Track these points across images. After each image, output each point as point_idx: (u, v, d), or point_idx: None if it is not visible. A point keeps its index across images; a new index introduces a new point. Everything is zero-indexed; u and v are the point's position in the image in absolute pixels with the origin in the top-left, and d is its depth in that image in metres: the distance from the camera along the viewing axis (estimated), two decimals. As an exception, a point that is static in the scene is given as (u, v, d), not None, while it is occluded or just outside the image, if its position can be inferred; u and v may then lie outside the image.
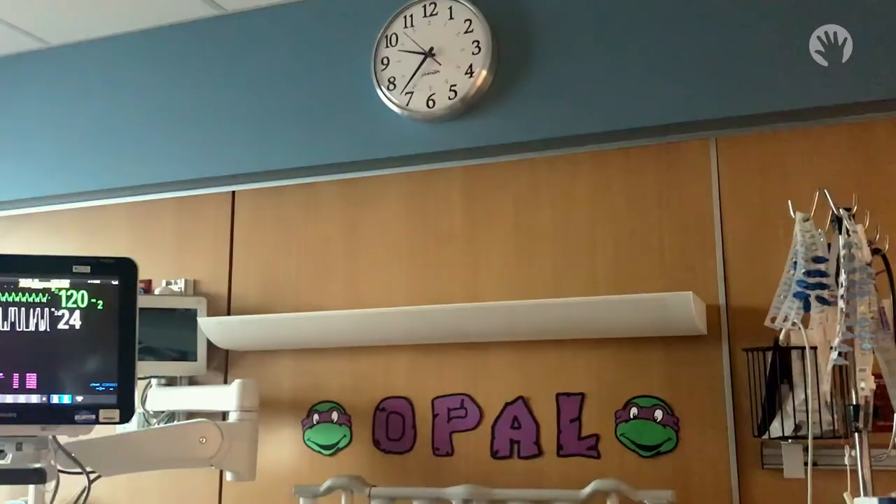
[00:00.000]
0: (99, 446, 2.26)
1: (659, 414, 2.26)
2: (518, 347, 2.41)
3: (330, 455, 2.58)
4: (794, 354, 1.96)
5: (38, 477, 2.06)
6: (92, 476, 2.22)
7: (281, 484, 2.56)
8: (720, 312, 2.23)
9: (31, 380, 2.02)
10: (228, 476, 2.45)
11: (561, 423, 2.36)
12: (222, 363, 2.74)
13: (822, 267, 1.72)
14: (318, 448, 2.60)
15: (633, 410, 2.29)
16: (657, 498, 2.08)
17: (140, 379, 2.65)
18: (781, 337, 1.97)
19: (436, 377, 2.50)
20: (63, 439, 2.16)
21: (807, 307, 1.75)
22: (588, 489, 2.14)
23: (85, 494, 2.21)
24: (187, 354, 2.66)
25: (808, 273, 1.73)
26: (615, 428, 2.30)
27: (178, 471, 2.67)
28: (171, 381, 2.71)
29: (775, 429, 2.01)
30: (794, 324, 1.73)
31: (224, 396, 2.48)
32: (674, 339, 2.25)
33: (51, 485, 2.17)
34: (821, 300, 1.72)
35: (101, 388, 2.06)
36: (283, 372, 2.68)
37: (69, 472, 2.18)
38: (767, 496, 2.13)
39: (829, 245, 1.80)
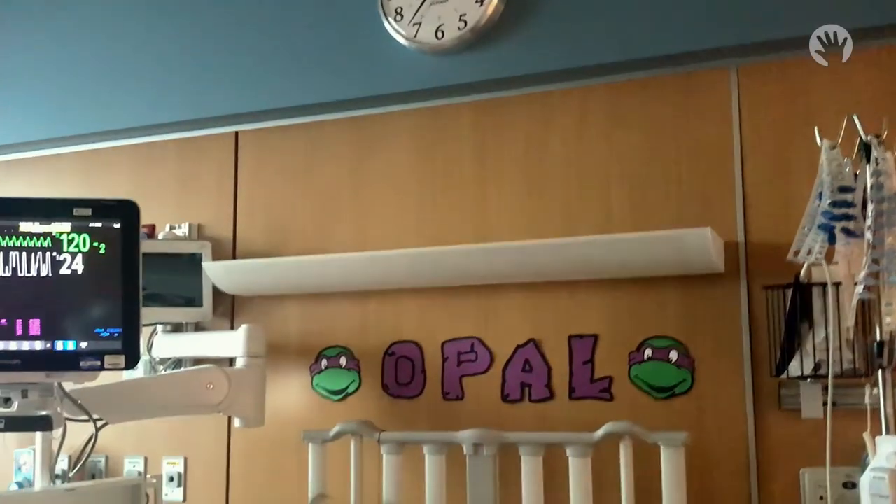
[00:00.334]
0: (105, 393, 2.24)
1: (674, 355, 2.22)
2: (529, 289, 2.36)
3: (339, 400, 2.55)
4: (816, 292, 1.91)
5: (44, 424, 2.03)
6: (99, 423, 2.21)
7: (289, 429, 2.54)
8: (738, 249, 2.17)
9: (35, 326, 1.99)
10: (237, 422, 2.44)
11: (573, 366, 2.32)
12: (228, 309, 2.70)
13: (848, 197, 1.66)
14: (326, 394, 2.57)
15: (648, 352, 2.25)
16: (671, 440, 2.05)
17: (145, 326, 2.59)
18: (802, 273, 1.92)
19: (445, 320, 2.46)
20: (69, 386, 2.13)
21: (832, 240, 1.69)
22: (600, 432, 2.10)
23: (92, 442, 2.20)
24: (193, 300, 2.62)
25: (834, 204, 1.67)
26: (628, 370, 2.26)
27: (185, 417, 2.65)
28: (176, 328, 2.67)
29: (794, 368, 1.96)
30: (818, 256, 1.67)
31: (231, 342, 2.44)
32: (690, 278, 2.19)
33: (58, 432, 2.15)
34: (847, 232, 1.66)
35: (105, 334, 2.02)
36: (291, 317, 2.64)
37: (76, 420, 2.17)
38: (784, 437, 2.10)
39: (855, 176, 1.74)
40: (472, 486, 2.20)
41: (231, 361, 2.45)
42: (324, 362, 2.58)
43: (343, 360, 2.56)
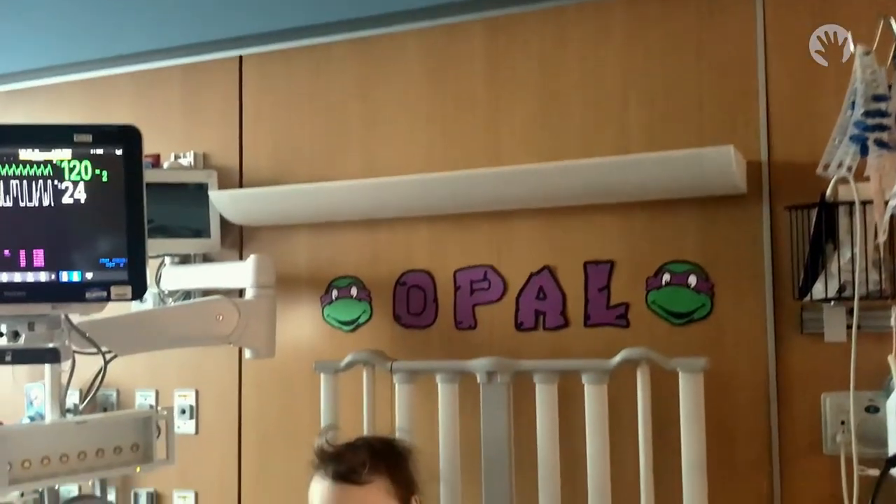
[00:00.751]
0: (114, 325, 2.21)
1: (693, 279, 2.16)
2: (544, 215, 2.30)
3: (350, 331, 2.51)
4: (842, 210, 1.84)
5: (52, 356, 2.01)
6: (108, 356, 2.18)
7: (301, 360, 2.50)
8: (761, 169, 2.09)
9: (39, 257, 1.94)
10: (247, 353, 2.41)
11: (588, 293, 2.27)
12: (237, 240, 2.66)
13: (882, 106, 1.58)
14: (337, 324, 2.53)
15: (666, 277, 2.19)
16: (690, 365, 2.00)
17: (153, 258, 2.57)
18: (828, 192, 1.85)
19: (457, 249, 2.40)
20: (76, 318, 2.10)
21: (864, 151, 1.62)
22: (617, 358, 2.06)
23: (101, 374, 2.17)
24: (200, 232, 2.57)
25: (868, 113, 1.59)
26: (646, 296, 2.21)
27: (196, 350, 2.63)
28: (185, 260, 2.63)
29: (818, 290, 1.91)
30: (849, 170, 1.59)
31: (239, 273, 2.40)
32: (711, 200, 2.12)
33: (66, 365, 2.13)
34: (879, 143, 1.58)
35: (110, 265, 1.98)
36: (300, 247, 2.59)
37: (84, 353, 2.14)
38: (806, 361, 2.05)
39: (889, 86, 1.65)
40: (486, 414, 2.17)
41: (241, 293, 2.41)
42: (334, 293, 2.54)
43: (354, 291, 2.51)
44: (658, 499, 2.02)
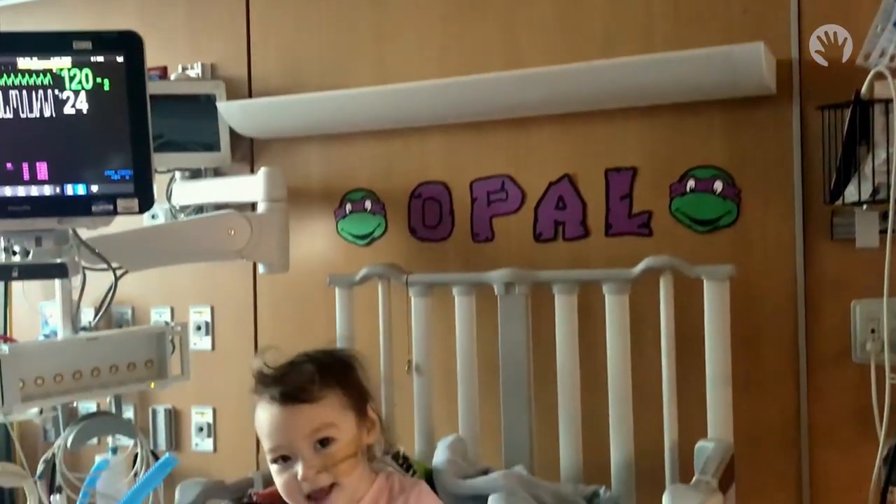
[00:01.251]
0: (124, 241, 2.17)
1: (718, 185, 2.08)
2: (563, 121, 2.21)
3: (365, 245, 2.46)
4: (878, 109, 1.74)
5: (59, 271, 1.97)
6: (119, 272, 2.14)
7: (315, 275, 2.45)
8: (792, 67, 1.98)
9: (42, 170, 1.89)
10: (261, 268, 2.37)
11: (610, 201, 2.19)
12: (248, 153, 2.59)
13: (929, -11, 1.47)
14: (352, 238, 2.47)
15: (690, 183, 2.11)
16: (716, 273, 1.93)
17: (163, 173, 2.52)
18: (864, 90, 1.75)
19: (473, 159, 2.32)
20: (85, 234, 2.06)
21: (908, 39, 1.51)
22: (639, 267, 1.99)
23: (112, 290, 2.14)
24: (210, 146, 2.50)
25: (913, -2, 1.48)
26: (669, 203, 2.13)
27: (210, 266, 2.59)
28: (195, 175, 2.57)
29: (850, 193, 1.82)
30: (891, 59, 1.49)
31: (250, 186, 2.35)
32: (738, 102, 2.02)
33: (77, 281, 2.10)
34: (924, 31, 1.47)
35: (116, 177, 1.93)
36: (312, 160, 2.52)
37: (95, 269, 2.11)
38: (836, 268, 1.98)
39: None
40: (504, 327, 2.13)
41: (253, 207, 2.36)
42: (348, 206, 2.48)
43: (368, 204, 2.45)
44: (681, 411, 1.98)
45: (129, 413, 2.68)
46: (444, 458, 1.88)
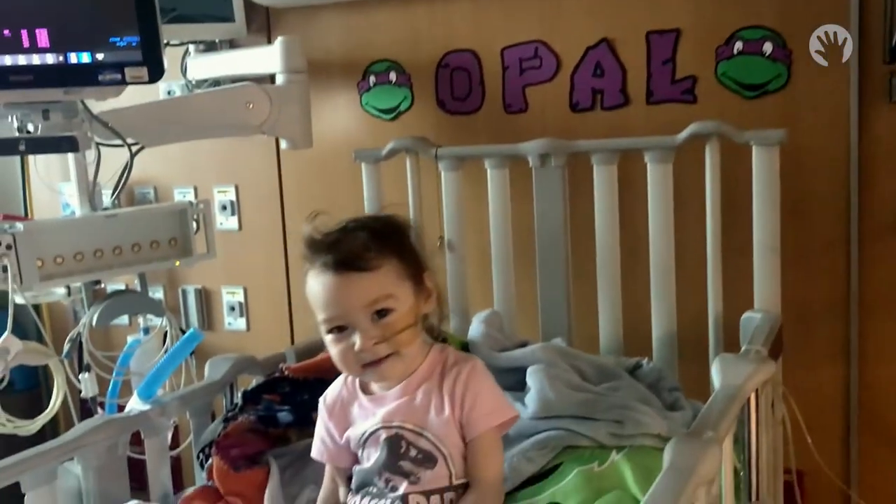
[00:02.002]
0: (137, 114, 2.08)
1: (768, 47, 1.94)
2: (601, -21, 2.06)
3: (391, 120, 2.35)
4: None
5: (69, 145, 1.89)
6: (134, 148, 2.06)
7: (340, 151, 2.35)
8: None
9: (42, 36, 1.78)
10: (283, 144, 2.28)
11: (651, 67, 2.06)
12: (264, 24, 2.45)
13: None
14: (377, 113, 2.36)
15: (738, 45, 1.97)
16: (766, 138, 1.81)
17: (176, 45, 2.39)
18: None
19: (504, 24, 2.18)
20: (97, 109, 1.97)
21: None
22: (684, 133, 1.87)
23: (128, 167, 2.07)
24: (224, 17, 2.37)
25: None
26: (715, 67, 2.00)
27: (233, 145, 2.50)
28: (210, 47, 2.45)
29: (916, 48, 1.68)
30: None
31: (268, 58, 2.23)
32: (791, -47, 1.87)
33: (91, 156, 2.03)
34: None
35: (122, 44, 1.82)
36: (332, 30, 2.38)
37: (108, 145, 2.03)
38: (894, 132, 1.85)
39: None
40: (540, 200, 2.03)
41: (272, 81, 2.25)
42: (372, 79, 2.36)
43: (393, 76, 2.33)
44: (726, 284, 1.89)
45: (158, 294, 2.65)
46: (481, 331, 1.82)
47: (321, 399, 1.37)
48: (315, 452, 1.36)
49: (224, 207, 2.58)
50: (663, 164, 1.89)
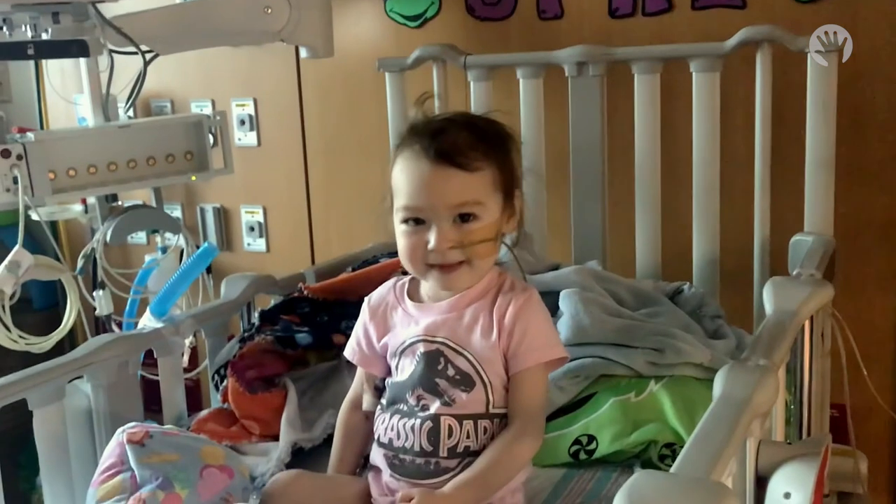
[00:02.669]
0: (150, 19, 1.98)
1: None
2: None
3: (417, 27, 2.21)
4: None
5: (79, 49, 1.80)
6: (148, 56, 1.96)
7: (363, 60, 2.23)
8: None
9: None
10: (304, 52, 2.15)
11: (696, -24, 1.91)
12: (282, -75, 2.31)
13: None
14: (402, 20, 2.23)
15: (795, -56, 1.81)
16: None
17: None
18: None
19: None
20: (109, 14, 1.87)
21: None
22: (734, 40, 1.73)
23: (142, 75, 1.97)
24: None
25: None
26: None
27: (252, 55, 2.39)
28: (226, -50, 2.31)
29: None
30: None
31: (287, -41, 2.09)
32: None
33: (104, 63, 1.93)
34: None
35: (134, -58, 1.71)
36: (356, -71, 2.24)
37: (122, 52, 1.94)
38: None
39: None
40: (575, 112, 1.91)
41: (292, -15, 2.12)
42: (397, -18, 2.22)
43: (419, -21, 2.19)
44: (774, 205, 1.77)
45: (176, 213, 2.57)
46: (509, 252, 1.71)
47: (366, 299, 1.28)
48: (348, 351, 1.29)
49: (242, 122, 2.48)
50: (710, 72, 1.75)
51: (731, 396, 0.93)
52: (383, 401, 1.23)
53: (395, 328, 1.23)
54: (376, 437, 1.22)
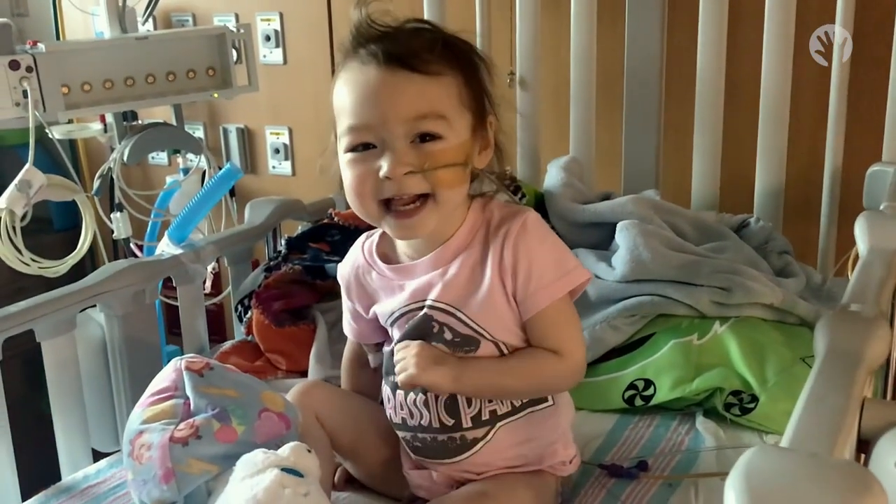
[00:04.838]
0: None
1: None
2: None
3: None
4: None
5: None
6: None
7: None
8: None
9: None
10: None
11: None
12: None
13: None
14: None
15: None
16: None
17: None
18: None
19: None
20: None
21: None
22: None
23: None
24: None
25: None
26: None
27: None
28: None
29: None
30: None
31: None
32: None
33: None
34: None
35: None
36: None
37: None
38: None
39: None
40: (632, 26, 1.75)
41: None
42: None
43: None
44: (849, 130, 1.61)
45: (198, 132, 2.44)
46: (560, 179, 1.57)
47: (338, 269, 1.11)
48: (346, 328, 1.13)
49: (268, 38, 2.33)
50: (786, -16, 1.57)
51: (841, 349, 0.78)
52: (384, 369, 1.07)
53: (379, 297, 1.05)
54: (388, 417, 1.06)
